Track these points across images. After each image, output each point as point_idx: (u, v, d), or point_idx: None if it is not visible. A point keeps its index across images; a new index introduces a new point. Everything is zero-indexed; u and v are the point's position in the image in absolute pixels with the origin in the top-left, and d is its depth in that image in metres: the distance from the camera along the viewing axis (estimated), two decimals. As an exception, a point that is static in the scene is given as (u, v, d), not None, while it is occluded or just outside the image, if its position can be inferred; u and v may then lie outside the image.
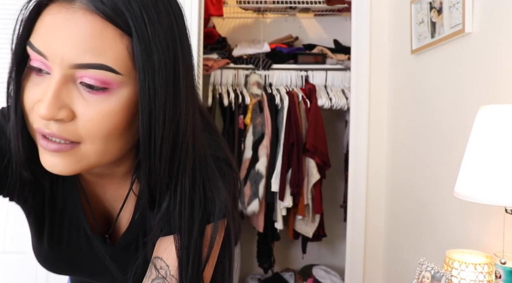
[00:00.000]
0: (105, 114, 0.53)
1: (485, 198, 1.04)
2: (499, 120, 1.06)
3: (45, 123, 0.52)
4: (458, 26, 1.57)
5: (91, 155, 0.55)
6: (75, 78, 0.52)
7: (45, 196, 0.70)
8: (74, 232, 0.72)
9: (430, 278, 1.23)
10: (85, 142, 0.54)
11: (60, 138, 0.53)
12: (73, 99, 0.52)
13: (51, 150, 0.54)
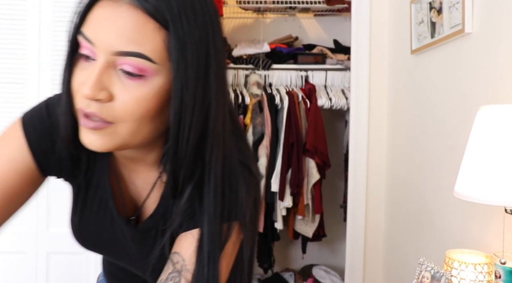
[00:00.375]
0: (139, 99, 0.59)
1: (485, 198, 1.04)
2: (499, 120, 1.06)
3: (87, 103, 0.60)
4: (458, 26, 1.57)
5: (124, 135, 0.62)
6: (116, 65, 0.59)
7: (82, 174, 0.77)
8: (102, 211, 0.78)
9: (430, 278, 1.23)
10: (119, 122, 0.61)
11: (98, 117, 0.60)
12: (112, 83, 0.59)
13: (89, 128, 0.61)
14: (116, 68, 0.59)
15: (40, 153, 0.72)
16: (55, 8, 2.32)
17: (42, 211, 2.34)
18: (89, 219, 0.79)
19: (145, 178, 0.76)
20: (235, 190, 0.69)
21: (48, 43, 2.31)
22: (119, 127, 0.61)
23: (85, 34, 0.60)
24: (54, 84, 2.32)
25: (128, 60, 0.58)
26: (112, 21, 0.58)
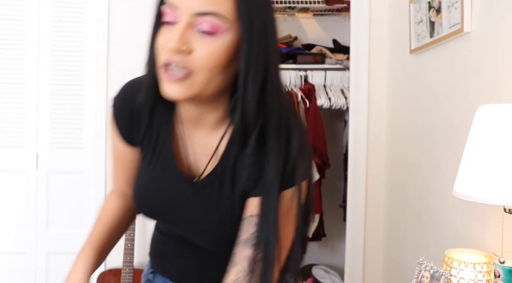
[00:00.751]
0: (213, 52, 0.73)
1: (484, 197, 1.04)
2: (498, 120, 1.06)
3: (171, 56, 0.72)
4: (457, 26, 1.57)
5: (199, 84, 0.74)
6: (194, 25, 0.72)
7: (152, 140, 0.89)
8: (165, 172, 0.88)
9: (429, 278, 1.23)
10: (196, 72, 0.73)
11: (180, 66, 0.73)
12: (192, 40, 0.72)
13: (171, 80, 0.74)
14: (194, 28, 0.73)
15: (123, 129, 0.92)
16: (54, 8, 2.31)
17: (41, 212, 2.34)
18: (153, 180, 0.89)
19: (204, 143, 0.87)
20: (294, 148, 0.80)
21: (47, 43, 2.31)
22: (196, 77, 0.74)
23: (170, 2, 0.73)
24: (53, 84, 2.32)
25: (205, 19, 0.72)
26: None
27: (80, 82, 2.33)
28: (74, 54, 2.33)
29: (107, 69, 2.34)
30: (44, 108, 2.32)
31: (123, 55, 2.35)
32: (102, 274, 2.27)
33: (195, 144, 0.88)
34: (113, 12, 2.34)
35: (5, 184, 2.33)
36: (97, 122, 2.33)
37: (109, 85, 2.35)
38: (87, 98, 2.34)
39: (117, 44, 2.35)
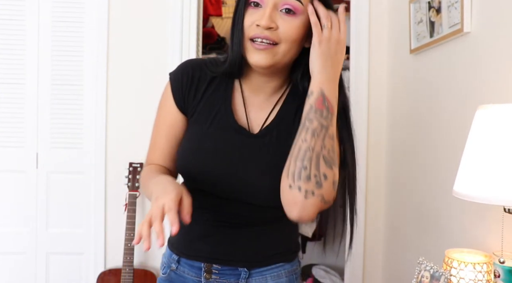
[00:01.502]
0: (293, 27, 0.91)
1: (484, 197, 1.04)
2: (497, 120, 1.06)
3: (261, 31, 0.89)
4: (457, 26, 1.57)
5: (280, 53, 0.91)
6: (278, 7, 0.90)
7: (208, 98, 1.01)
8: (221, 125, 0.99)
9: (429, 278, 1.23)
10: (281, 43, 0.91)
11: (269, 39, 0.90)
12: (277, 18, 0.90)
13: (260, 49, 0.90)
14: (277, 9, 0.90)
15: (179, 97, 1.02)
16: (54, 8, 2.31)
17: (41, 212, 2.34)
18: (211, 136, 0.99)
19: (261, 107, 1.02)
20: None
21: (47, 43, 2.31)
22: (280, 48, 0.91)
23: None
24: (53, 84, 2.32)
25: (288, 1, 0.90)
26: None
27: (80, 82, 2.33)
28: (74, 54, 2.33)
29: (107, 69, 2.34)
30: (44, 108, 2.32)
31: (123, 55, 2.35)
32: (102, 274, 2.27)
33: (253, 107, 1.02)
34: (113, 11, 2.34)
35: (5, 184, 2.33)
36: (97, 122, 2.33)
37: (109, 85, 2.35)
38: (87, 98, 2.34)
39: (117, 44, 2.35)
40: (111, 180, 2.35)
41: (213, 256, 1.03)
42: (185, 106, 1.02)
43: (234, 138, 0.98)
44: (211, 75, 1.02)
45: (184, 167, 1.00)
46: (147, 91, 2.33)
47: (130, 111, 2.35)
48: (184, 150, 1.00)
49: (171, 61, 2.34)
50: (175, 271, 1.07)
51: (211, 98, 1.01)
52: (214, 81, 1.02)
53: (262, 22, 0.88)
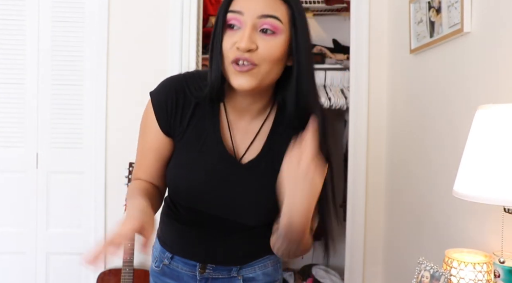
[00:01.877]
0: (272, 47, 0.90)
1: (484, 197, 1.04)
2: (498, 120, 1.06)
3: (241, 53, 0.88)
4: (457, 26, 1.57)
5: (262, 73, 0.90)
6: (257, 27, 0.89)
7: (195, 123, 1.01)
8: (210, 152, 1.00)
9: (429, 278, 1.23)
10: (260, 64, 0.89)
11: (249, 61, 0.88)
12: (256, 38, 0.89)
13: (242, 71, 0.89)
14: (257, 29, 0.89)
15: (164, 121, 1.00)
16: (54, 8, 2.31)
17: (41, 212, 2.34)
18: (199, 163, 1.00)
19: (247, 128, 1.02)
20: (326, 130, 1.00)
21: (47, 43, 2.31)
22: (261, 68, 0.90)
23: (235, 9, 0.90)
24: (53, 84, 2.32)
25: (267, 21, 0.89)
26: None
27: (80, 82, 2.33)
28: (74, 54, 2.33)
29: (107, 68, 2.34)
30: (44, 108, 2.32)
31: (123, 55, 2.35)
32: (102, 274, 2.27)
33: (238, 131, 1.02)
34: (113, 11, 2.34)
35: (5, 184, 2.33)
36: (97, 122, 2.33)
37: (109, 85, 2.35)
38: (87, 98, 2.34)
39: (117, 44, 2.35)
40: (111, 180, 2.35)
41: (208, 259, 1.09)
42: (171, 131, 1.02)
43: (223, 167, 1.00)
44: (195, 100, 1.00)
45: (175, 191, 1.04)
46: (147, 90, 2.31)
47: (130, 111, 2.34)
48: (175, 176, 1.02)
49: (171, 61, 2.34)
50: (168, 265, 1.13)
51: (198, 124, 1.01)
52: (199, 106, 1.00)
53: (241, 45, 0.87)
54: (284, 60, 0.93)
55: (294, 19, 0.91)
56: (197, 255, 1.10)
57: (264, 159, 1.00)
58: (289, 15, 0.91)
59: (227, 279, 1.11)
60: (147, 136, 1.05)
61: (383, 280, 2.38)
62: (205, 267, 1.10)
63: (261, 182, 0.99)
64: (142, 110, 1.11)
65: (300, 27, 0.92)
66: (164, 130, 1.01)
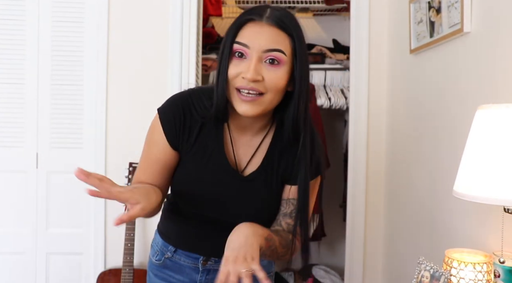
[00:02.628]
0: (277, 78, 0.97)
1: (484, 197, 1.04)
2: (498, 120, 1.06)
3: (247, 83, 0.95)
4: (457, 26, 1.57)
5: (266, 103, 0.98)
6: (262, 59, 0.96)
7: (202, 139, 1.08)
8: (215, 166, 1.08)
9: (429, 278, 1.23)
10: (266, 93, 0.97)
11: (256, 91, 0.96)
12: (262, 69, 0.96)
13: (246, 101, 0.96)
14: (262, 61, 0.96)
15: (171, 135, 1.07)
16: (54, 8, 2.31)
17: (41, 212, 2.34)
18: (206, 175, 1.09)
19: (249, 145, 1.11)
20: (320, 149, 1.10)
21: (47, 43, 2.31)
22: (266, 97, 0.97)
23: (242, 42, 0.97)
24: (53, 84, 2.32)
25: (272, 54, 0.96)
26: (260, 33, 0.97)
27: (80, 81, 2.33)
28: (74, 54, 2.33)
29: (107, 68, 2.34)
30: (44, 108, 2.32)
31: (123, 55, 2.35)
32: (102, 274, 2.27)
33: (240, 146, 1.11)
34: (113, 11, 2.34)
35: (5, 184, 2.33)
36: (97, 122, 2.33)
37: (109, 85, 2.35)
38: (87, 98, 2.33)
39: (117, 44, 2.35)
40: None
41: (212, 253, 1.16)
42: (179, 145, 1.09)
43: (226, 179, 1.09)
44: (201, 120, 1.07)
45: (181, 198, 1.13)
46: (147, 90, 2.33)
47: (130, 111, 2.35)
48: (182, 185, 1.11)
49: (171, 61, 2.34)
50: (170, 258, 1.20)
51: (204, 140, 1.09)
52: (205, 124, 1.08)
53: (248, 75, 0.94)
54: (286, 87, 1.01)
55: (296, 51, 0.98)
56: (201, 249, 1.17)
57: (263, 172, 1.09)
58: (292, 47, 0.98)
59: None
60: (154, 148, 1.10)
61: (383, 280, 2.38)
62: (208, 259, 1.17)
63: (261, 193, 1.09)
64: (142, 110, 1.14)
65: (301, 58, 0.99)
66: (172, 145, 1.08)
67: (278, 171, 1.10)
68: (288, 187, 1.10)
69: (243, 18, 0.99)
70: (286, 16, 0.99)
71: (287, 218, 1.09)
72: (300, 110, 1.02)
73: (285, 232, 1.08)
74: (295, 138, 1.05)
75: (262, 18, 0.97)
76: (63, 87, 2.33)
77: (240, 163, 1.11)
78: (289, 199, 1.10)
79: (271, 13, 0.98)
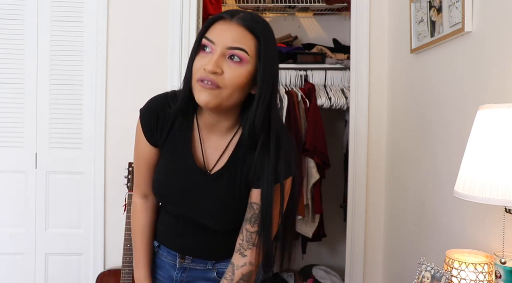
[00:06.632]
0: (236, 75, 1.00)
1: (485, 197, 1.04)
2: (498, 120, 1.05)
3: (207, 74, 0.99)
4: (458, 25, 1.56)
5: (223, 97, 1.01)
6: (225, 55, 1.00)
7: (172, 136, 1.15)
8: (184, 165, 1.14)
9: (430, 278, 1.22)
10: (223, 88, 1.00)
11: (212, 83, 0.99)
12: (223, 64, 1.00)
13: (205, 88, 0.99)
14: (225, 56, 1.00)
15: (149, 134, 1.16)
16: (53, 7, 2.31)
17: (40, 212, 2.33)
18: (174, 173, 1.15)
19: (216, 144, 1.15)
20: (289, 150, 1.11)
21: (46, 42, 2.31)
22: (222, 92, 1.00)
23: (209, 37, 1.02)
24: (52, 84, 2.31)
25: (235, 51, 1.00)
26: (227, 31, 1.01)
27: (79, 81, 2.33)
28: (73, 53, 2.32)
29: (106, 68, 2.33)
30: (43, 108, 2.31)
31: (123, 54, 2.35)
32: (101, 274, 2.26)
33: (209, 145, 1.15)
34: (112, 11, 2.34)
35: (4, 184, 2.33)
36: (97, 122, 2.32)
37: (109, 84, 2.34)
38: (86, 98, 2.33)
39: (117, 43, 2.34)
40: (110, 180, 2.34)
41: (186, 251, 1.23)
42: (156, 142, 1.17)
43: (192, 177, 1.14)
44: (173, 115, 1.13)
45: (155, 194, 1.22)
46: (146, 90, 2.32)
47: (130, 111, 2.34)
48: (154, 183, 1.19)
49: (171, 61, 2.34)
50: (156, 254, 1.29)
51: (175, 137, 1.15)
52: (176, 120, 1.14)
53: (208, 67, 0.98)
54: (247, 88, 1.04)
55: (260, 53, 1.02)
56: (178, 247, 1.24)
57: (227, 172, 1.13)
58: (256, 48, 1.02)
59: (203, 270, 1.23)
60: (139, 147, 1.21)
61: (383, 280, 2.37)
62: (184, 257, 1.23)
63: (225, 191, 1.13)
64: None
65: (265, 60, 1.02)
66: (151, 143, 1.17)
67: (242, 172, 1.13)
68: (253, 190, 1.12)
69: (217, 16, 1.05)
70: (257, 20, 1.03)
71: (247, 223, 1.12)
72: (258, 115, 1.04)
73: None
74: (254, 142, 1.07)
75: (232, 18, 1.02)
76: (62, 87, 2.33)
77: (208, 162, 1.15)
78: (251, 202, 1.12)
79: (243, 15, 1.03)
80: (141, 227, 1.25)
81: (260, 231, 1.09)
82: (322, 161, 2.65)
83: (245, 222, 1.12)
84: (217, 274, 1.23)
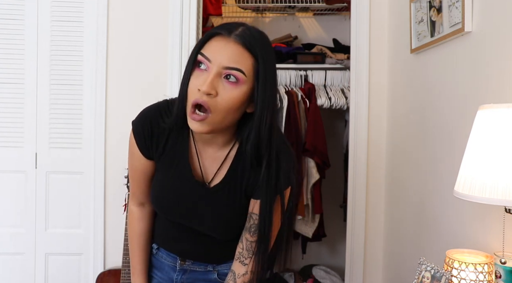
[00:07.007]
0: (231, 98, 0.97)
1: (485, 197, 1.04)
2: (498, 120, 1.05)
3: (201, 96, 0.95)
4: (458, 25, 1.56)
5: (214, 123, 0.98)
6: (221, 74, 0.96)
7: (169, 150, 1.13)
8: (182, 179, 1.12)
9: (430, 278, 1.22)
10: (214, 112, 0.96)
11: (205, 106, 0.95)
12: (218, 85, 0.96)
13: (196, 120, 0.97)
14: (221, 76, 0.96)
15: (143, 146, 1.13)
16: (53, 8, 2.31)
17: (40, 212, 2.33)
18: (173, 186, 1.14)
19: (214, 157, 1.13)
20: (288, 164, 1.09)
21: (46, 42, 2.31)
22: (214, 117, 0.97)
23: (205, 54, 0.97)
24: (52, 84, 2.31)
25: (231, 72, 0.95)
26: (224, 49, 0.96)
27: (79, 81, 2.32)
28: (73, 53, 2.32)
29: (106, 68, 2.33)
30: (43, 108, 2.31)
31: (122, 55, 2.35)
32: (101, 274, 2.26)
33: (206, 158, 1.13)
34: (112, 11, 2.34)
35: (4, 184, 2.33)
36: (97, 122, 2.32)
37: (108, 85, 2.34)
38: (86, 98, 2.33)
39: (116, 44, 2.34)
40: (110, 180, 2.34)
41: (188, 255, 1.23)
42: (151, 155, 1.14)
43: (192, 190, 1.13)
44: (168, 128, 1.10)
45: (154, 206, 1.20)
46: (146, 90, 2.33)
47: (130, 111, 2.33)
48: (153, 197, 1.18)
49: (171, 61, 2.33)
50: (155, 255, 1.29)
51: (171, 151, 1.13)
52: (172, 133, 1.12)
53: (203, 88, 0.94)
54: (242, 108, 1.01)
55: (258, 73, 0.98)
56: (178, 250, 1.24)
57: (227, 185, 1.12)
58: (254, 68, 0.97)
59: (203, 272, 1.23)
60: (134, 159, 1.17)
61: (383, 280, 2.37)
62: (185, 260, 1.23)
63: (225, 204, 1.12)
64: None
65: (263, 80, 0.98)
66: (145, 155, 1.14)
67: (242, 185, 1.12)
68: (252, 201, 1.11)
69: (213, 31, 1.00)
70: (256, 37, 0.98)
71: (246, 232, 1.11)
72: (262, 136, 1.01)
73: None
74: (258, 161, 1.05)
75: (230, 35, 0.97)
76: (62, 87, 2.32)
77: (207, 175, 1.14)
78: (251, 213, 1.11)
79: (242, 31, 0.98)
80: (138, 235, 1.25)
81: (259, 241, 1.09)
82: (322, 161, 2.65)
83: (245, 231, 1.12)
84: (218, 275, 1.23)
